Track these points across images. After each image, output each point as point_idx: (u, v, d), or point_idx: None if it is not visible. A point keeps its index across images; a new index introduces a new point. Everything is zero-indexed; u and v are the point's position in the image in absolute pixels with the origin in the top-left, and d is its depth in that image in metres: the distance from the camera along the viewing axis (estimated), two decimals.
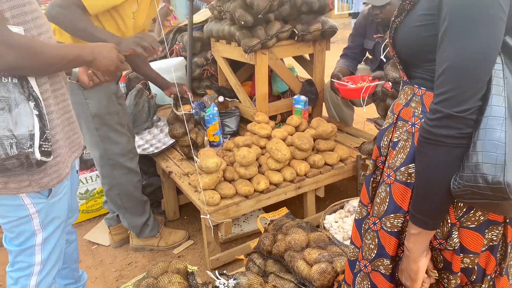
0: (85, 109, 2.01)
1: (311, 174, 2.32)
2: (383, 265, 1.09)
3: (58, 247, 1.45)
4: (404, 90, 1.05)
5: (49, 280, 1.45)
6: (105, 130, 2.08)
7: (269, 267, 1.68)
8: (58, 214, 1.40)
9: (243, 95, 2.79)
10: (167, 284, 1.38)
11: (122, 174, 2.20)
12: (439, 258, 1.03)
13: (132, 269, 2.36)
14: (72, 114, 1.46)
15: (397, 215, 1.03)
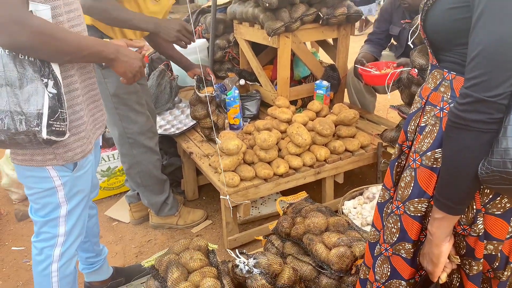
0: (104, 88, 2.03)
1: (331, 160, 2.31)
2: (404, 249, 1.09)
3: (81, 220, 1.49)
4: (433, 74, 1.04)
5: (71, 252, 1.50)
6: (123, 109, 2.11)
7: (287, 249, 1.70)
8: (82, 188, 1.44)
9: (265, 78, 2.79)
10: (188, 260, 1.41)
11: (141, 152, 2.24)
12: (462, 244, 1.03)
13: (151, 246, 2.42)
14: (97, 92, 1.49)
15: (421, 199, 1.03)
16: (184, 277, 1.35)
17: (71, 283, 1.55)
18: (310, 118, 2.44)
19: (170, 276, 1.35)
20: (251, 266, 1.38)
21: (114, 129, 2.17)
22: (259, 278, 1.36)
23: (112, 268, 2.02)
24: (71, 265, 1.52)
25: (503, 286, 1.07)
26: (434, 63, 1.04)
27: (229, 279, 1.45)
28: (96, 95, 1.48)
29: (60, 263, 1.47)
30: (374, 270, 1.19)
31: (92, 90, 1.45)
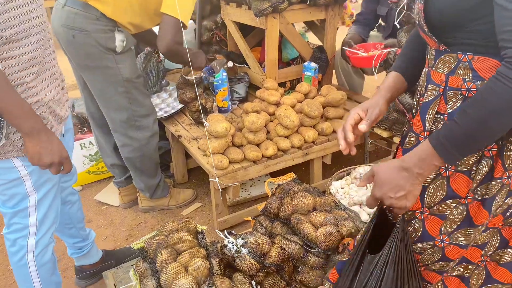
0: (117, 73, 2.02)
1: (319, 142, 2.33)
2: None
3: (53, 208, 1.49)
4: (442, 59, 1.02)
5: (46, 240, 1.50)
6: (134, 93, 2.11)
7: (275, 229, 1.72)
8: (50, 176, 1.43)
9: (253, 60, 2.77)
10: (177, 241, 1.43)
11: (146, 136, 2.24)
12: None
13: (141, 229, 2.43)
14: (59, 76, 1.44)
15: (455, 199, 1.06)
16: (173, 258, 1.37)
17: (51, 270, 1.55)
18: (298, 100, 2.45)
19: (159, 257, 1.36)
20: (240, 246, 1.40)
21: (122, 113, 2.14)
22: (248, 258, 1.38)
23: (102, 251, 2.03)
24: (48, 253, 1.52)
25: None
26: (441, 49, 1.02)
27: (218, 259, 1.46)
28: (58, 79, 1.42)
29: (35, 252, 1.47)
30: None
31: (56, 79, 1.41)
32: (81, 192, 2.80)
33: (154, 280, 1.38)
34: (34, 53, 1.26)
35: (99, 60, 1.97)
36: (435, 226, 1.12)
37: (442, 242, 1.12)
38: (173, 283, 1.27)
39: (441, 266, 1.18)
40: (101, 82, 2.04)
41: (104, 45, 1.93)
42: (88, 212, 2.60)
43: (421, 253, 1.17)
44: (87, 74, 2.05)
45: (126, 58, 2.03)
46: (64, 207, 1.72)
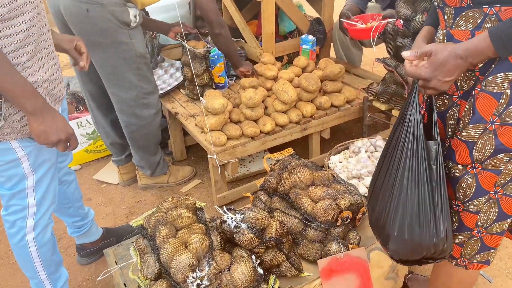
0: (131, 49, 1.98)
1: (317, 116, 2.31)
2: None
3: (51, 189, 1.48)
4: (464, 16, 1.02)
5: (45, 221, 1.50)
6: (144, 69, 2.09)
7: (274, 204, 1.72)
8: (47, 157, 1.42)
9: (249, 34, 2.72)
10: (176, 218, 1.43)
11: (151, 114, 2.22)
12: None
13: (141, 206, 2.44)
14: (54, 56, 1.41)
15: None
16: (172, 234, 1.37)
17: (51, 250, 1.56)
18: (296, 74, 2.41)
19: (159, 234, 1.37)
20: (239, 221, 1.40)
21: (131, 90, 2.10)
22: (247, 232, 1.39)
23: (103, 229, 2.05)
24: (47, 233, 1.53)
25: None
26: (463, 5, 1.02)
27: (218, 235, 1.47)
28: (56, 64, 1.40)
29: (35, 233, 1.48)
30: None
31: (52, 59, 1.38)
32: (79, 171, 2.80)
33: (154, 257, 1.39)
34: (28, 31, 1.22)
35: (114, 35, 1.92)
36: (490, 181, 1.13)
37: (496, 193, 1.14)
38: (173, 259, 1.28)
39: (501, 226, 1.19)
40: (115, 59, 1.98)
41: (121, 19, 1.89)
42: (87, 190, 2.60)
43: (478, 212, 1.18)
44: (99, 52, 1.97)
45: (138, 33, 2.00)
46: (61, 187, 1.72)
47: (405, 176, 1.12)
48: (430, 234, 1.12)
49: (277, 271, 1.50)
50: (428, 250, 1.15)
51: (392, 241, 1.17)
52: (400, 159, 1.13)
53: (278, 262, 1.48)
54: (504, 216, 1.17)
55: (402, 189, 1.13)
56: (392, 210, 1.15)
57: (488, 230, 1.20)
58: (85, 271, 2.06)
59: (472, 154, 1.11)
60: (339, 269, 1.52)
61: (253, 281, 1.35)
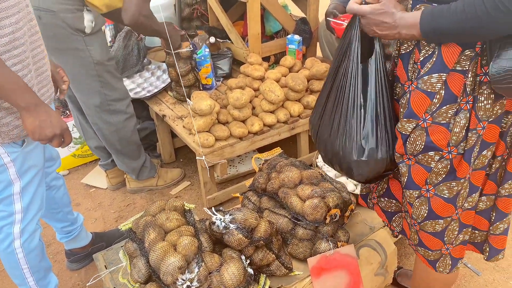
0: (87, 56, 1.96)
1: (305, 115, 2.32)
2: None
3: (38, 195, 1.47)
4: (418, 8, 1.04)
5: (32, 227, 1.49)
6: (106, 76, 2.05)
7: (263, 204, 1.73)
8: (34, 163, 1.41)
9: (235, 35, 2.72)
10: (165, 221, 1.43)
11: (121, 119, 2.20)
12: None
13: (130, 210, 2.43)
14: (45, 63, 1.40)
15: (409, 119, 1.12)
16: (161, 237, 1.37)
17: (39, 256, 1.55)
18: (283, 74, 2.42)
19: (147, 237, 1.36)
20: (228, 222, 1.41)
21: (95, 97, 2.09)
22: (236, 233, 1.39)
23: (92, 234, 2.03)
24: (35, 239, 1.51)
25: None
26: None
27: (207, 237, 1.47)
28: (44, 66, 1.39)
29: (22, 239, 1.46)
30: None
31: (40, 60, 1.37)
32: (67, 176, 2.77)
33: (144, 260, 1.38)
34: (14, 34, 1.21)
35: (68, 42, 1.90)
36: (421, 176, 1.16)
37: (428, 191, 1.17)
38: (162, 261, 1.28)
39: (434, 226, 1.21)
40: (72, 65, 1.97)
41: (72, 26, 1.86)
42: (76, 195, 2.58)
43: (411, 204, 1.21)
44: (58, 57, 1.97)
45: (96, 39, 1.96)
46: (50, 192, 1.70)
47: (349, 102, 1.17)
48: (385, 149, 1.18)
49: (267, 271, 1.51)
50: (386, 164, 1.20)
51: (355, 167, 1.21)
52: (343, 87, 1.19)
53: (268, 261, 1.49)
54: (434, 216, 1.19)
55: (350, 113, 1.18)
56: (346, 137, 1.19)
57: (421, 226, 1.23)
58: (75, 276, 2.04)
59: (405, 146, 1.15)
60: (329, 267, 1.53)
61: (243, 281, 1.35)
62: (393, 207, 1.41)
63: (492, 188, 1.22)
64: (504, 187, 1.20)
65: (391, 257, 1.70)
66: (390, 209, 1.42)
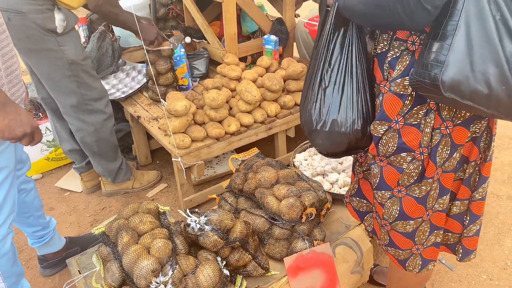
0: (60, 56, 1.91)
1: (282, 115, 2.33)
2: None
3: (9, 198, 1.42)
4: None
5: (4, 231, 1.43)
6: (82, 76, 2.01)
7: (240, 204, 1.72)
8: (5, 164, 1.37)
9: (211, 35, 2.70)
10: (138, 224, 1.40)
11: (100, 119, 2.16)
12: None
13: (106, 213, 2.38)
14: (14, 62, 1.36)
15: (382, 122, 1.14)
16: (134, 240, 1.35)
17: (11, 260, 1.50)
18: (260, 74, 2.42)
19: (120, 241, 1.34)
20: (203, 224, 1.39)
21: (71, 97, 2.04)
22: (211, 235, 1.38)
23: (66, 239, 1.99)
24: (7, 244, 1.46)
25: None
26: None
27: (183, 239, 1.45)
28: (13, 65, 1.35)
29: None
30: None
31: (9, 59, 1.33)
32: (41, 179, 2.70)
33: (117, 264, 1.36)
34: None
35: (41, 43, 1.85)
36: (393, 178, 1.17)
37: (400, 192, 1.18)
38: (135, 265, 1.26)
39: (404, 226, 1.22)
40: (47, 65, 1.93)
41: (43, 27, 1.81)
42: (49, 200, 2.52)
43: (382, 205, 1.23)
44: (31, 58, 1.93)
45: (69, 39, 1.92)
46: (19, 196, 1.65)
47: (317, 69, 1.17)
48: (350, 123, 1.16)
49: (244, 272, 1.50)
50: (350, 140, 1.19)
51: (316, 137, 1.21)
52: (317, 54, 1.17)
53: (245, 262, 1.48)
54: (405, 216, 1.21)
55: (317, 81, 1.17)
56: (313, 108, 1.19)
57: (393, 226, 1.25)
58: (49, 282, 1.99)
59: (377, 147, 1.16)
60: (305, 266, 1.54)
61: (219, 283, 1.34)
62: (364, 207, 1.43)
63: (466, 193, 1.24)
64: (478, 191, 1.22)
65: (367, 255, 1.72)
66: (361, 209, 1.44)
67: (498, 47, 0.86)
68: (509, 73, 0.87)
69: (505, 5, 0.85)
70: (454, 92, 0.91)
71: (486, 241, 2.09)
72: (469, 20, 0.88)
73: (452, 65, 0.89)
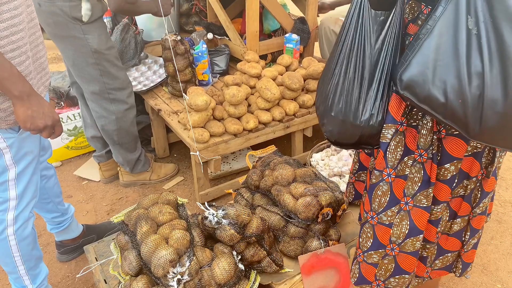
0: (84, 44, 1.96)
1: (300, 114, 2.33)
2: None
3: (33, 182, 1.46)
4: (410, 4, 1.05)
5: (26, 214, 1.48)
6: (105, 65, 2.05)
7: (256, 201, 1.74)
8: (30, 149, 1.41)
9: (233, 32, 2.72)
10: (157, 214, 1.43)
11: (121, 109, 2.19)
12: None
13: (123, 203, 2.42)
14: (42, 49, 1.41)
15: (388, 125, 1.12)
16: (153, 230, 1.37)
17: (32, 244, 1.54)
18: (280, 73, 2.43)
19: (139, 230, 1.36)
20: (220, 217, 1.41)
21: (94, 84, 2.09)
22: (228, 228, 1.39)
23: (83, 226, 2.03)
24: (28, 227, 1.50)
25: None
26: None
27: (199, 231, 1.47)
28: (40, 52, 1.40)
29: (15, 226, 1.45)
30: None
31: (37, 46, 1.37)
32: (60, 167, 2.76)
33: (135, 253, 1.38)
34: (13, 20, 1.20)
35: (67, 30, 1.91)
36: (400, 187, 1.16)
37: (407, 204, 1.16)
38: (153, 254, 1.28)
39: (414, 244, 1.20)
40: (72, 52, 1.99)
41: (69, 14, 1.87)
42: (68, 187, 2.57)
43: (391, 225, 1.19)
44: (59, 44, 2.00)
45: (94, 28, 1.96)
46: (40, 182, 1.69)
47: (339, 61, 1.11)
48: (365, 118, 1.11)
49: (258, 267, 1.51)
50: (362, 134, 1.13)
51: (328, 122, 1.18)
52: (343, 46, 1.11)
53: (259, 258, 1.49)
54: (416, 231, 1.17)
55: (339, 72, 1.12)
56: (331, 93, 1.14)
57: (401, 247, 1.21)
58: (65, 268, 2.03)
59: (386, 157, 1.12)
60: (319, 265, 1.54)
61: (233, 277, 1.36)
62: None
63: (466, 209, 1.22)
64: (479, 206, 1.20)
65: None
66: None
67: (463, 61, 0.87)
68: (467, 88, 0.87)
69: (483, 22, 0.85)
70: (410, 92, 0.93)
71: (502, 251, 2.06)
72: (443, 28, 0.89)
73: (413, 66, 0.92)
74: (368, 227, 1.24)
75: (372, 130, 1.12)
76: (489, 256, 2.03)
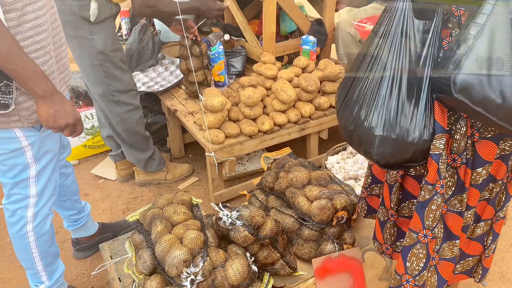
0: (90, 44, 1.98)
1: (316, 116, 2.32)
2: None
3: (52, 180, 1.49)
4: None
5: (45, 211, 1.51)
6: (109, 67, 2.07)
7: (270, 203, 1.73)
8: (50, 147, 1.43)
9: (250, 34, 2.72)
10: (172, 214, 1.43)
11: (125, 110, 2.21)
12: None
13: (138, 202, 2.44)
14: (64, 49, 1.44)
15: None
16: (167, 230, 1.38)
17: (50, 241, 1.57)
18: (296, 74, 2.42)
19: (154, 229, 1.37)
20: (234, 219, 1.41)
21: (98, 86, 2.12)
22: (242, 230, 1.39)
23: (99, 224, 2.05)
24: (47, 224, 1.53)
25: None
26: None
27: (213, 232, 1.48)
28: (63, 52, 1.43)
29: (35, 223, 1.48)
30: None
31: (60, 47, 1.40)
32: (77, 166, 2.80)
33: (149, 252, 1.39)
34: (37, 20, 1.23)
35: (75, 29, 1.94)
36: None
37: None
38: (167, 254, 1.29)
39: (452, 249, 1.18)
40: (78, 52, 2.01)
41: (78, 14, 1.89)
42: (84, 186, 2.61)
43: (432, 230, 1.11)
44: (69, 43, 1.99)
45: (101, 29, 1.97)
46: (59, 180, 1.72)
47: (387, 63, 1.01)
48: (420, 131, 1.01)
49: (271, 269, 1.51)
50: (415, 148, 1.03)
51: (377, 144, 1.04)
52: (381, 47, 1.02)
53: (273, 260, 1.49)
54: (451, 236, 1.14)
55: (384, 79, 1.02)
56: (373, 106, 1.03)
57: (440, 253, 1.17)
58: (80, 265, 2.06)
59: (439, 168, 1.04)
60: (333, 269, 1.53)
61: (247, 278, 1.35)
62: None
63: (490, 213, 1.19)
64: (503, 210, 1.18)
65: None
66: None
67: None
68: None
69: None
70: (465, 95, 0.88)
71: None
72: (495, 26, 0.85)
73: (467, 68, 0.87)
74: (420, 247, 1.12)
75: (425, 145, 1.03)
76: (507, 264, 1.98)
